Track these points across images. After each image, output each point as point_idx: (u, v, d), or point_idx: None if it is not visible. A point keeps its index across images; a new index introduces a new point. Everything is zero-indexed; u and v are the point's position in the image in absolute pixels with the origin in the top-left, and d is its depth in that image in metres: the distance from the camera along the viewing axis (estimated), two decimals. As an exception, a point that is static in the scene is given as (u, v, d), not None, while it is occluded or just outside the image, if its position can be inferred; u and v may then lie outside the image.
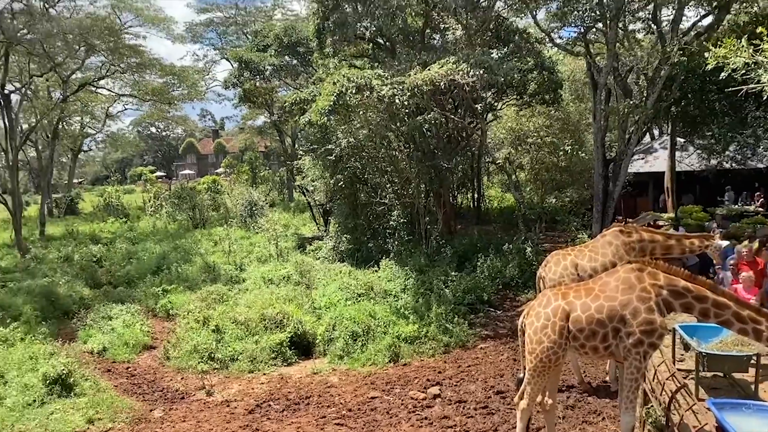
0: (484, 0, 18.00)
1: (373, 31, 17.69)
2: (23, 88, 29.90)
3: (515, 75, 16.15)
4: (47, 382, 10.34)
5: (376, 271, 16.58)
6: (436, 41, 20.95)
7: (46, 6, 28.99)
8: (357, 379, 11.15)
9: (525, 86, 19.75)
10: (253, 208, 28.41)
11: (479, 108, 19.14)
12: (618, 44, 17.26)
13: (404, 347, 12.26)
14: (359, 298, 14.57)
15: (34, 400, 10.03)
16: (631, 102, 17.44)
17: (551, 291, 7.09)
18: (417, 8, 18.46)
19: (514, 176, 21.44)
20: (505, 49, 18.92)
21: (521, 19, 20.45)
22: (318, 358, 12.74)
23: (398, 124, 17.70)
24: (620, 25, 17.14)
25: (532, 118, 23.63)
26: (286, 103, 19.76)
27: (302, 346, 13.02)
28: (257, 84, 32.42)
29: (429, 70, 14.65)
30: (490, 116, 23.30)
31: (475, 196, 26.94)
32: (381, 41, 19.15)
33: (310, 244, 22.17)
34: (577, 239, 18.20)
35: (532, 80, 19.78)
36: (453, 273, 15.55)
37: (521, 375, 7.39)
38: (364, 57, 21.62)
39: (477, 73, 14.55)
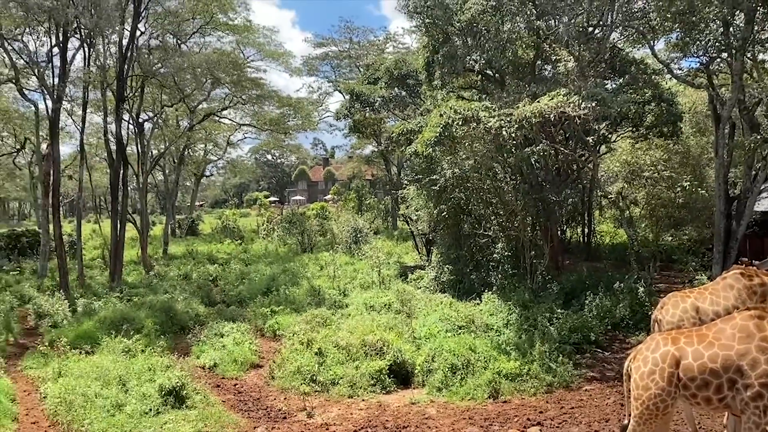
0: (598, 31, 17.59)
1: (482, 64, 17.74)
2: (155, 117, 32.60)
3: (630, 107, 15.57)
4: (163, 393, 10.99)
5: (477, 304, 16.33)
6: (547, 72, 20.66)
7: (179, 42, 31.58)
8: (455, 413, 10.97)
9: (641, 118, 18.92)
10: (358, 235, 29.06)
11: (591, 140, 18.58)
12: (745, 75, 16.19)
13: (505, 384, 11.93)
14: (460, 331, 14.40)
15: (150, 409, 10.68)
16: (759, 137, 16.23)
17: (660, 335, 6.68)
18: (528, 40, 18.34)
19: (627, 212, 20.50)
20: (620, 81, 18.29)
21: (638, 49, 19.72)
22: (416, 388, 12.68)
23: (505, 155, 17.53)
24: (747, 55, 16.09)
25: (649, 152, 22.52)
26: (393, 134, 20.19)
27: (401, 375, 13.02)
28: (366, 115, 33.41)
29: (538, 102, 14.45)
30: (603, 149, 22.53)
31: (585, 231, 25.97)
32: (490, 73, 19.16)
33: (412, 273, 22.27)
34: (695, 280, 17.04)
35: (650, 112, 18.92)
36: (559, 310, 14.99)
37: (626, 422, 6.99)
38: (473, 89, 21.70)
39: (589, 105, 14.17)
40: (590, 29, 18.25)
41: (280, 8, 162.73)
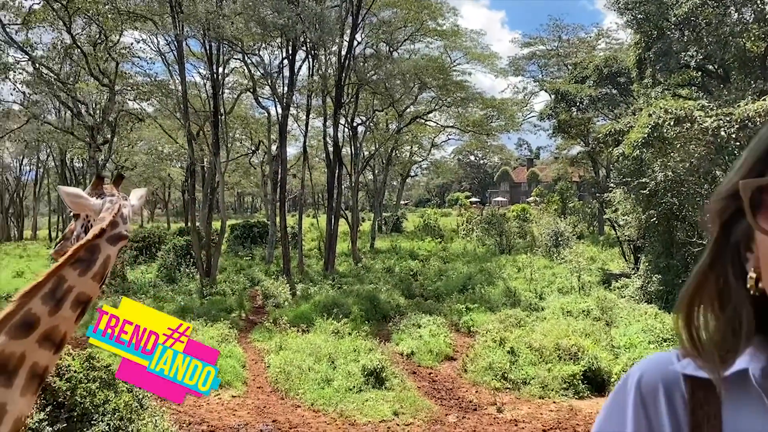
0: None
1: (699, 60, 16.38)
2: (367, 121, 35.03)
3: None
4: (365, 372, 12.04)
5: (688, 317, 15.16)
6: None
7: (391, 50, 33.57)
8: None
9: None
10: (559, 239, 28.36)
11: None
12: None
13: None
14: (664, 343, 13.55)
15: (354, 386, 11.78)
16: None
17: None
18: (757, 32, 16.51)
19: None
20: None
21: None
22: (612, 397, 12.26)
23: (726, 158, 16.02)
24: None
25: None
26: (600, 134, 19.48)
27: (596, 382, 12.67)
28: (572, 115, 32.41)
29: (764, 100, 13.04)
30: None
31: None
32: (711, 68, 17.60)
33: (616, 281, 21.25)
34: None
35: None
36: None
37: None
38: (691, 85, 20.07)
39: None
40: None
41: (489, 9, 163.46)
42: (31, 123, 32.15)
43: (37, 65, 22.04)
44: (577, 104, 30.96)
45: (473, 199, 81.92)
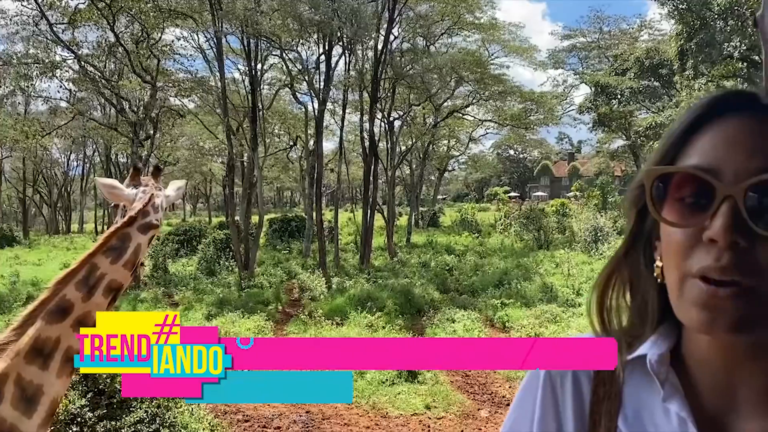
0: None
1: (743, 50, 15.85)
2: (404, 116, 35.01)
3: None
4: (398, 366, 12.12)
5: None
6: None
7: (428, 44, 33.45)
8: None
9: None
10: (598, 234, 27.90)
11: None
12: None
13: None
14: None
15: (387, 379, 11.86)
16: None
17: None
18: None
19: None
20: None
21: None
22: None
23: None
24: None
25: None
26: (641, 127, 19.08)
27: (632, 380, 12.50)
28: (612, 108, 31.79)
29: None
30: None
31: None
32: (756, 59, 16.99)
33: (657, 277, 20.83)
34: None
35: None
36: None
37: None
38: (735, 77, 19.45)
39: None
40: None
41: (531, 1, 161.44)
42: (77, 119, 33.17)
43: (83, 63, 22.73)
44: (618, 97, 30.29)
45: (512, 194, 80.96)
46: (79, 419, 6.13)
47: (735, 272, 0.76)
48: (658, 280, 0.89)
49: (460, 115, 42.65)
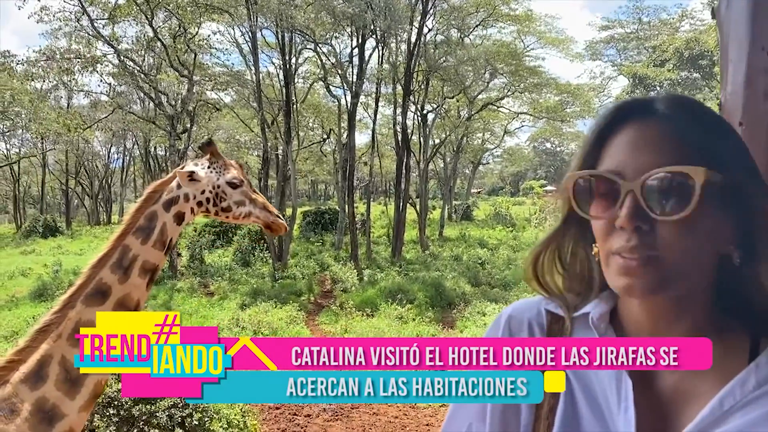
0: None
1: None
2: (437, 108, 34.84)
3: None
4: (427, 357, 12.19)
5: None
6: None
7: (462, 36, 33.19)
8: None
9: None
10: (635, 229, 27.45)
11: None
12: None
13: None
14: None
15: (416, 371, 11.95)
16: None
17: None
18: None
19: None
20: None
21: None
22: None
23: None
24: None
25: None
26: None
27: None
28: (651, 100, 31.05)
29: None
30: None
31: None
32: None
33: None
34: None
35: None
36: None
37: None
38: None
39: None
40: None
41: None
42: (117, 113, 34.00)
43: (122, 58, 23.25)
44: (656, 89, 29.65)
45: (549, 188, 79.75)
46: (116, 402, 6.36)
47: (642, 250, 0.95)
48: (596, 258, 1.07)
49: (495, 107, 42.20)
